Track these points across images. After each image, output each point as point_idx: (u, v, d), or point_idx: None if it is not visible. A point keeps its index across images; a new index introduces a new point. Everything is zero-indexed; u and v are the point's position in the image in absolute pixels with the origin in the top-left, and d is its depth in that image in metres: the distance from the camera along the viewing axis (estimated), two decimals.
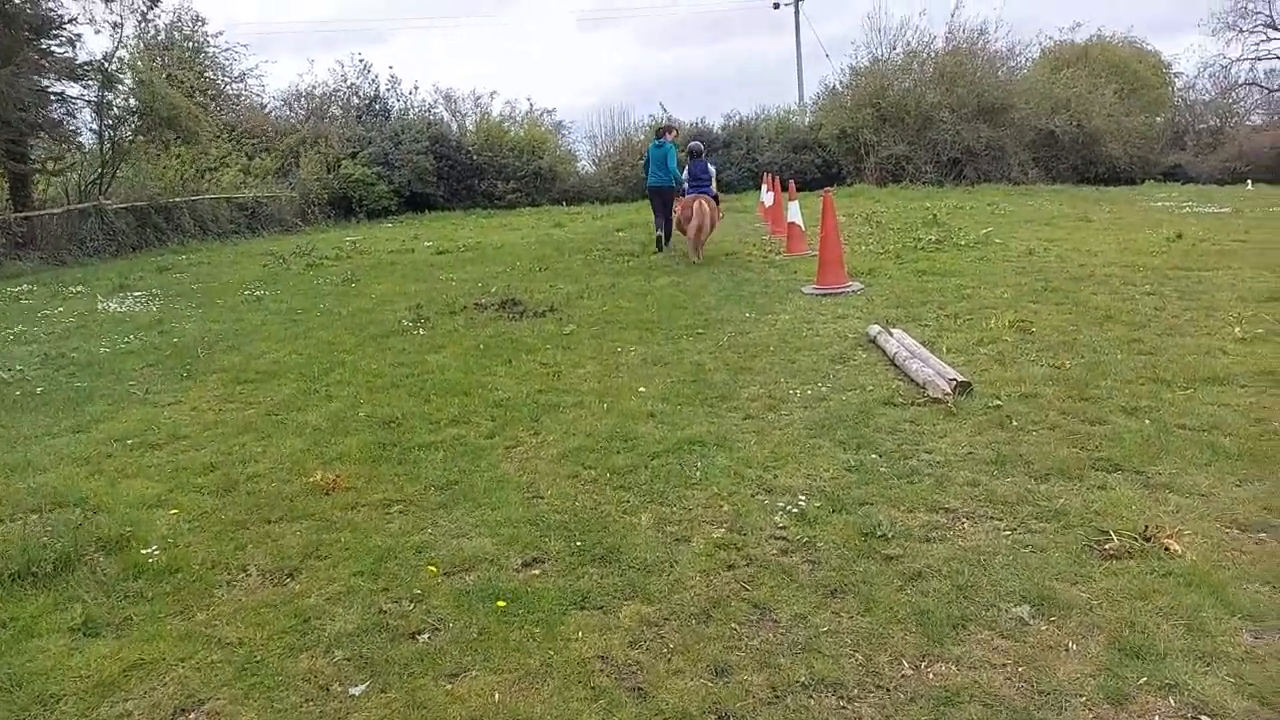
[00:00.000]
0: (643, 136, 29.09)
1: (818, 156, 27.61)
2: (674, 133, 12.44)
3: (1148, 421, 4.20)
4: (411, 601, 2.84)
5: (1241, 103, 33.35)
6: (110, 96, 18.80)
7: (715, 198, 11.38)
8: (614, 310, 7.70)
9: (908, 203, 18.28)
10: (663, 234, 11.84)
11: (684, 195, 11.19)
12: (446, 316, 7.67)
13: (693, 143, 12.06)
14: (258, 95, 28.85)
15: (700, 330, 6.73)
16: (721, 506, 3.53)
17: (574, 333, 6.74)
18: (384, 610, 2.79)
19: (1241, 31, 34.06)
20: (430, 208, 26.44)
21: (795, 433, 4.37)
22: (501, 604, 2.78)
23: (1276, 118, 31.86)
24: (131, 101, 18.92)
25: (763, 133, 29.02)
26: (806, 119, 30.02)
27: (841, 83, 28.12)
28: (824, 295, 7.98)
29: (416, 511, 3.54)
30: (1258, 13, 33.78)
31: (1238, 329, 5.71)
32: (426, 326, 7.25)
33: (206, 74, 26.42)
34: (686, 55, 63.53)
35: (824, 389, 5.08)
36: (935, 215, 13.91)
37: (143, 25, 24.50)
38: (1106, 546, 3.03)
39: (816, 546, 3.18)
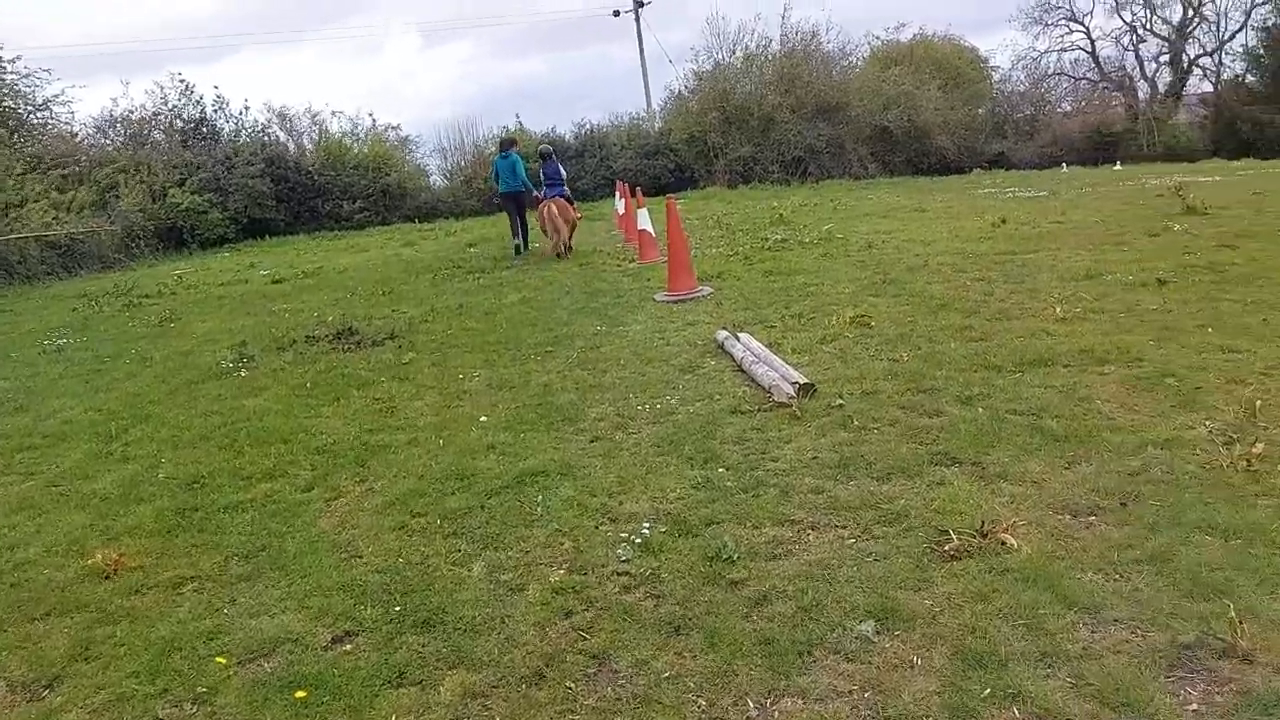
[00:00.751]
0: (493, 148, 28.57)
1: (670, 161, 27.90)
2: (517, 145, 13.21)
3: (981, 410, 4.26)
4: (194, 703, 2.45)
5: (1052, 91, 36.24)
6: None
7: (569, 198, 12.35)
8: (459, 333, 7.34)
9: (756, 203, 18.68)
10: (520, 241, 12.52)
11: (539, 198, 12.03)
12: (274, 353, 7.08)
13: (542, 146, 13.17)
14: (66, 123, 26.44)
15: (549, 348, 6.48)
16: (562, 544, 3.29)
17: (413, 361, 6.34)
18: (159, 719, 2.39)
19: (1047, 25, 36.98)
20: (271, 233, 24.95)
21: (643, 452, 4.19)
22: (302, 694, 2.43)
23: (1084, 104, 34.72)
24: None
25: (615, 140, 29.08)
26: (656, 125, 30.33)
27: (687, 88, 28.62)
28: (675, 302, 7.90)
29: (213, 589, 3.12)
30: (1059, 7, 36.74)
31: (1058, 309, 5.97)
32: (249, 366, 6.66)
33: (5, 103, 24.00)
34: (533, 65, 63.27)
35: (673, 401, 4.94)
36: (781, 214, 14.21)
37: None
38: (946, 548, 2.98)
39: (660, 579, 2.99)
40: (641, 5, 33.39)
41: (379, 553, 3.28)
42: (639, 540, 3.22)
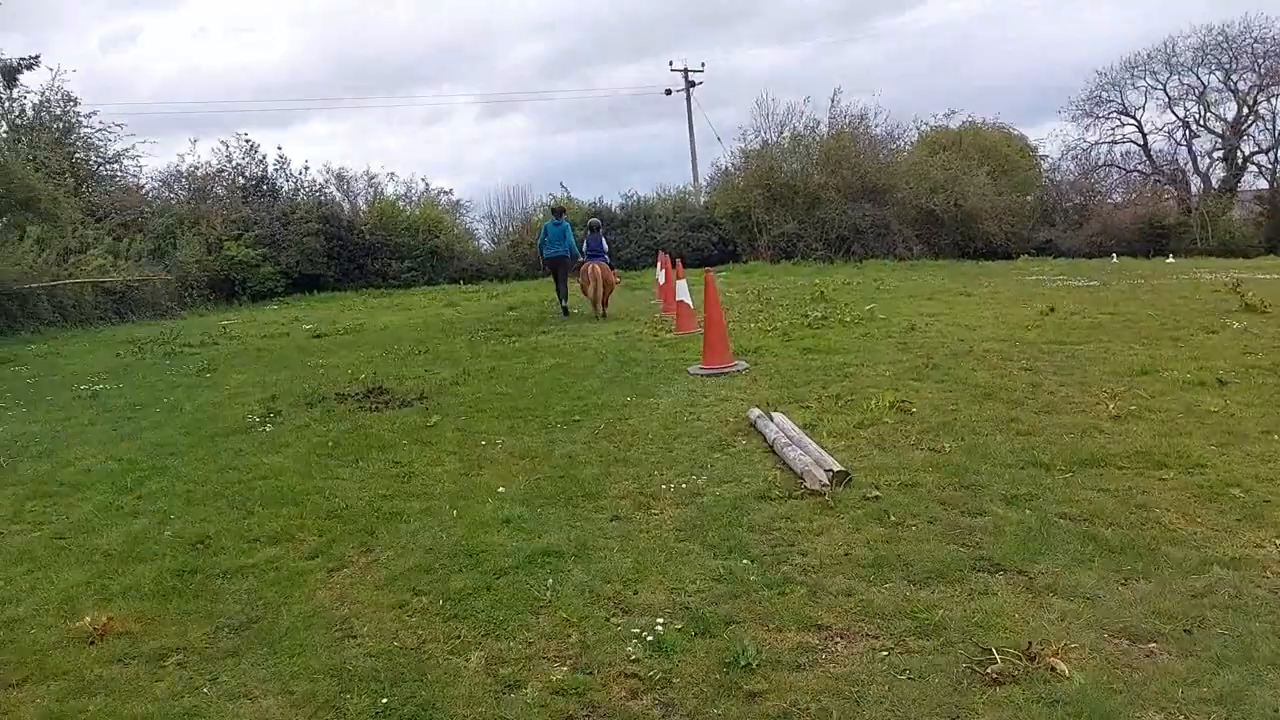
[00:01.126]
0: (540, 215, 29.23)
1: (714, 235, 28.14)
2: (566, 213, 14.59)
3: (1028, 511, 3.98)
4: None
5: (1102, 182, 35.91)
6: None
7: (610, 265, 13.39)
8: (489, 397, 7.22)
9: (798, 279, 18.59)
10: (565, 302, 13.48)
11: (582, 262, 13.09)
12: (302, 409, 7.02)
13: (591, 219, 14.53)
14: (134, 176, 27.56)
15: (578, 418, 6.32)
16: (569, 636, 3.07)
17: (438, 424, 6.21)
18: None
19: (1097, 118, 36.86)
20: (320, 288, 25.51)
21: (664, 536, 3.97)
22: None
23: (1134, 195, 34.34)
24: None
25: (660, 212, 29.47)
26: (702, 199, 30.69)
27: (734, 165, 28.97)
28: (710, 375, 7.72)
29: (197, 663, 2.94)
30: (1110, 101, 36.67)
31: (1112, 405, 5.67)
32: (275, 422, 6.59)
33: (77, 155, 25.13)
34: (585, 139, 64.91)
35: (700, 481, 4.72)
36: (823, 291, 14.06)
37: (5, 105, 23.28)
38: (989, 670, 2.70)
39: (672, 684, 2.74)
40: (692, 85, 34.24)
41: (374, 634, 3.08)
42: (651, 638, 2.99)
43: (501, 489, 4.67)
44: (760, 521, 4.06)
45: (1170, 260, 23.63)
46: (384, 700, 2.63)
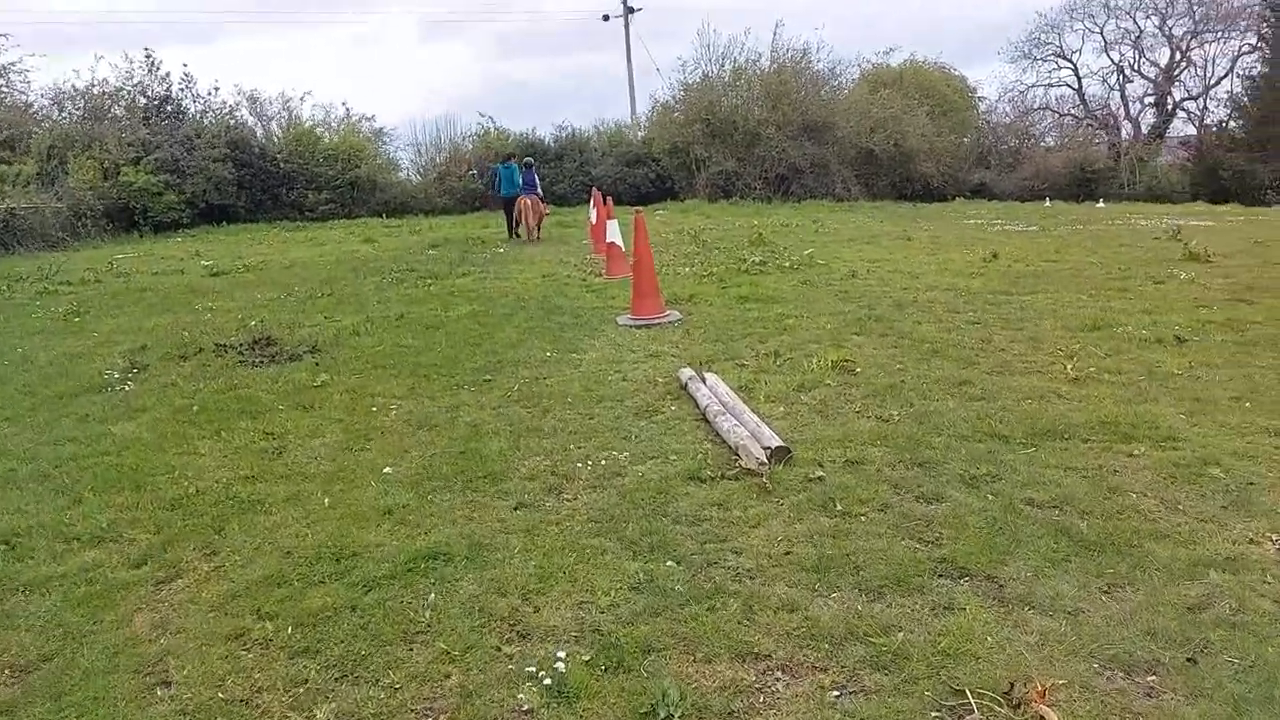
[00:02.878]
0: (470, 146, 28.01)
1: (652, 171, 27.22)
2: (515, 157, 17.25)
3: (991, 497, 3.49)
4: None
5: (1037, 125, 36.04)
6: None
7: (542, 198, 16.23)
8: (391, 350, 6.47)
9: (736, 219, 17.99)
10: (513, 232, 15.96)
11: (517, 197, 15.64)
12: (173, 363, 6.15)
13: (526, 158, 17.61)
14: (21, 93, 25.14)
15: (489, 376, 5.65)
16: (447, 677, 2.46)
17: (326, 384, 5.45)
18: None
19: (1035, 60, 36.83)
20: (231, 220, 23.89)
21: (575, 530, 3.37)
22: None
23: (1067, 140, 34.50)
24: None
25: (595, 145, 28.36)
26: (640, 134, 29.62)
27: (673, 98, 27.91)
28: (639, 327, 7.10)
29: None
30: (1049, 43, 36.61)
31: (1069, 366, 5.24)
32: (138, 379, 5.73)
33: None
34: (518, 67, 62.38)
35: (622, 457, 4.12)
36: (761, 234, 13.47)
37: None
38: None
39: None
40: (632, 12, 32.79)
41: (195, 679, 2.41)
42: (549, 680, 2.40)
43: (388, 469, 3.99)
44: (688, 510, 3.49)
45: (1100, 205, 23.73)
46: None
